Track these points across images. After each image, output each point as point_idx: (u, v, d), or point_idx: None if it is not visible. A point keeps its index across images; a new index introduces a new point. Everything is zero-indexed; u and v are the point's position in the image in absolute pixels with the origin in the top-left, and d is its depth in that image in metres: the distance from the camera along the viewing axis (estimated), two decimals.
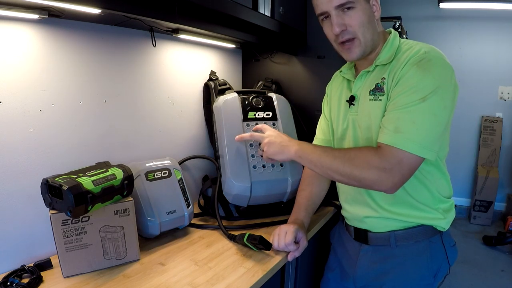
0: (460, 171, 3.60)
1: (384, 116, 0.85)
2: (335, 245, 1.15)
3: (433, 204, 0.92)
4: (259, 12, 1.14)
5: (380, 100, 0.87)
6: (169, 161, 1.11)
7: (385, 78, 0.87)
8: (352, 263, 1.03)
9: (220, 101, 1.23)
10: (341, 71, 1.06)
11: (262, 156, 1.02)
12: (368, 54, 0.92)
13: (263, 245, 0.92)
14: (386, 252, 0.96)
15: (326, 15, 0.88)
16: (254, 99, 1.25)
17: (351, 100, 0.96)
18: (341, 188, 1.06)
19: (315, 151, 0.90)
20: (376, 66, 0.91)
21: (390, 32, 0.93)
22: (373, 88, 0.89)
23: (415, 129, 0.77)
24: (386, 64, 0.89)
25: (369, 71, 0.93)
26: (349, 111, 0.98)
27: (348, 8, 0.84)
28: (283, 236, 0.94)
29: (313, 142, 1.20)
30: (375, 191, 0.93)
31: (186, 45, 1.33)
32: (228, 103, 1.22)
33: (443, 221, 0.93)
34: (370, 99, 0.90)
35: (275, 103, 1.29)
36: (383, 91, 0.87)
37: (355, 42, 0.87)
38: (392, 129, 0.80)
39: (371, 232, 0.97)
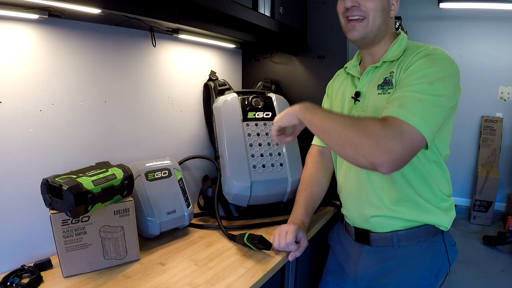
0: (460, 171, 3.60)
1: None
2: (334, 246, 1.14)
3: (435, 202, 0.92)
4: (259, 12, 1.14)
5: (389, 93, 0.87)
6: (169, 161, 1.11)
7: (393, 72, 0.88)
8: (353, 264, 1.03)
9: (220, 102, 1.23)
10: (346, 67, 1.07)
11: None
12: (370, 43, 0.92)
13: (263, 244, 0.92)
14: (388, 252, 0.95)
15: None
16: (254, 99, 1.25)
17: (357, 96, 0.96)
18: (344, 186, 1.05)
19: (320, 110, 0.85)
20: (384, 62, 0.92)
21: (400, 34, 0.95)
22: (382, 83, 0.90)
23: (420, 106, 0.75)
24: (394, 60, 0.90)
25: (377, 66, 0.93)
26: (354, 107, 0.98)
27: None
28: (284, 236, 0.94)
29: (313, 143, 1.20)
30: (377, 190, 0.93)
31: (186, 45, 1.33)
32: (228, 103, 1.22)
33: (445, 220, 0.93)
34: (378, 93, 0.90)
35: (274, 103, 1.29)
36: (392, 84, 0.87)
37: (363, 22, 0.88)
38: (396, 104, 0.78)
39: (373, 232, 0.97)
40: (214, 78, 1.40)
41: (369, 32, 0.89)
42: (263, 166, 1.18)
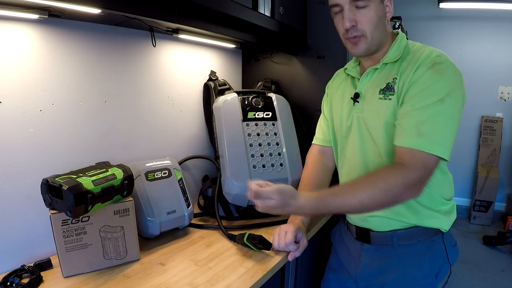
0: (460, 171, 3.59)
1: (396, 115, 0.86)
2: (336, 245, 1.15)
3: (434, 206, 0.92)
4: (259, 12, 1.14)
5: (390, 99, 0.88)
6: (169, 161, 1.11)
7: (396, 78, 0.88)
8: (354, 262, 1.03)
9: (220, 102, 1.23)
10: (346, 68, 1.07)
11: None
12: (374, 52, 0.92)
13: (263, 244, 0.92)
14: (388, 251, 0.96)
15: (339, 9, 0.89)
16: (254, 99, 1.25)
17: (356, 97, 0.96)
18: None
19: (336, 198, 0.83)
20: (384, 64, 0.92)
21: (397, 34, 0.95)
22: (384, 87, 0.90)
23: (437, 131, 0.79)
24: (395, 62, 0.90)
25: (376, 68, 0.93)
26: (354, 108, 0.98)
27: (362, 6, 0.85)
28: (283, 236, 0.94)
29: (313, 142, 1.20)
30: None
31: (186, 45, 1.33)
32: (228, 103, 1.22)
33: (444, 223, 0.93)
34: (379, 98, 0.90)
35: (274, 103, 1.29)
36: (394, 91, 0.88)
37: (361, 39, 0.88)
38: (414, 133, 0.80)
39: (373, 231, 0.97)
40: (214, 78, 1.40)
41: (371, 46, 0.89)
42: (263, 166, 1.18)
